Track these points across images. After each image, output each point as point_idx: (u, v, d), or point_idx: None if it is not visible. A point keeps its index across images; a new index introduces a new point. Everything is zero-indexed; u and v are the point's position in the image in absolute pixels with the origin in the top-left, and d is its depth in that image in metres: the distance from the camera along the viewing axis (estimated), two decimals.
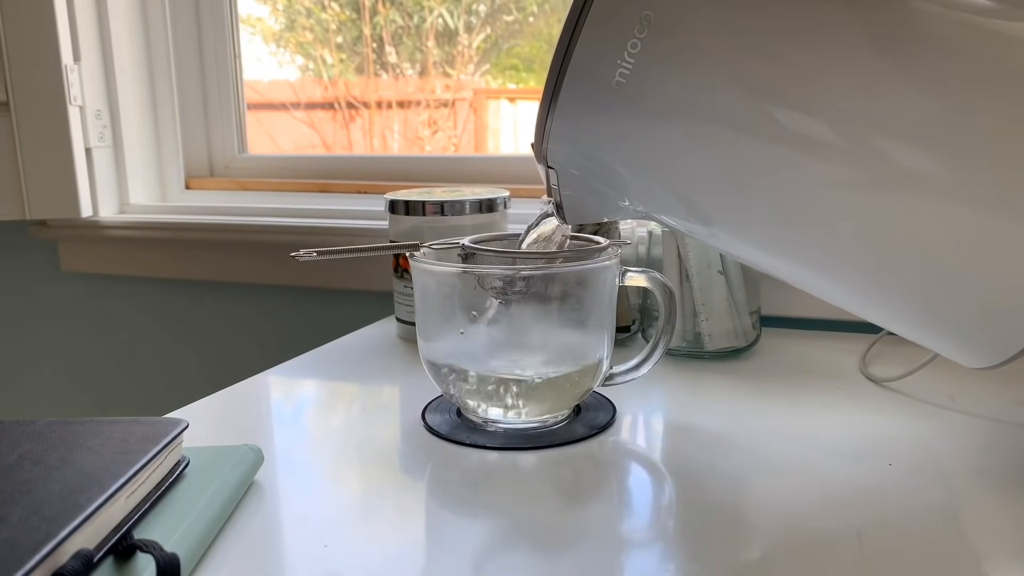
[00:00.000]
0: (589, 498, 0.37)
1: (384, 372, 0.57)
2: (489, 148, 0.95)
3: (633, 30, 0.34)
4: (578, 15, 0.34)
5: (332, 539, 0.34)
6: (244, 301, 0.91)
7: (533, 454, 0.42)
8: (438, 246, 0.47)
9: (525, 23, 0.91)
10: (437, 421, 0.46)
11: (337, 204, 0.89)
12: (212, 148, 0.99)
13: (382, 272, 0.81)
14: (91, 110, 0.89)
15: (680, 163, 0.36)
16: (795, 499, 0.37)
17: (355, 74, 0.98)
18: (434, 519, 0.36)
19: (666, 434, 0.46)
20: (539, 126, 0.38)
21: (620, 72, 0.34)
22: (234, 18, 0.96)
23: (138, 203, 0.95)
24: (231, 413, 0.50)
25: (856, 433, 0.44)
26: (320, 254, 0.44)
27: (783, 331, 0.65)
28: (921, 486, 0.38)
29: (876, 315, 0.38)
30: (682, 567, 0.31)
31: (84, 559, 0.26)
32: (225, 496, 0.35)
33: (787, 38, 0.33)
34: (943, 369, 0.53)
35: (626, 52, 0.34)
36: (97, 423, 0.35)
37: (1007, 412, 0.47)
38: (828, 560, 0.32)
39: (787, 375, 0.54)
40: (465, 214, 0.62)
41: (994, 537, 0.33)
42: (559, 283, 0.43)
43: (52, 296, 1.01)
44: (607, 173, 0.39)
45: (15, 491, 0.28)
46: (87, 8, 0.88)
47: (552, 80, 0.36)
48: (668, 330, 0.46)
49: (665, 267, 0.58)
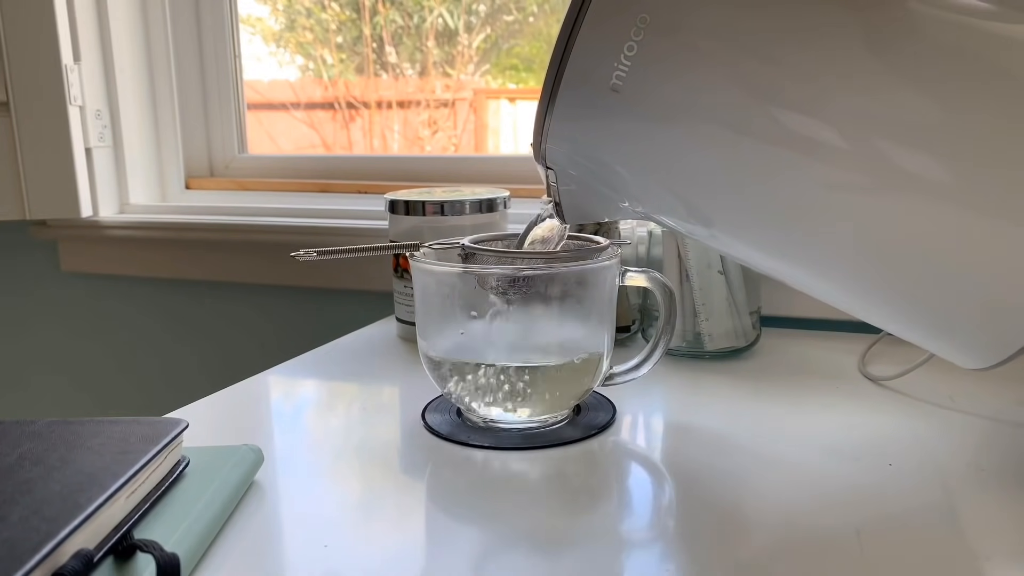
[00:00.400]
0: (589, 498, 0.37)
1: (384, 372, 0.57)
2: (489, 148, 0.95)
3: (629, 33, 0.34)
4: (575, 18, 0.34)
5: (332, 539, 0.34)
6: (244, 301, 0.91)
7: (533, 454, 0.42)
8: (438, 246, 0.47)
9: (525, 23, 0.91)
10: (437, 421, 0.46)
11: (337, 204, 0.89)
12: (212, 148, 0.99)
13: (382, 272, 0.81)
14: (91, 110, 0.89)
15: (679, 165, 0.36)
16: (795, 498, 0.37)
17: (355, 74, 0.98)
18: (434, 519, 0.36)
19: (666, 434, 0.46)
20: (537, 127, 0.38)
21: (617, 75, 0.34)
22: (234, 18, 0.96)
23: (138, 203, 0.95)
24: (231, 413, 0.50)
25: (856, 433, 0.44)
26: (320, 254, 0.44)
27: (783, 331, 0.65)
28: (920, 485, 0.38)
29: (874, 316, 0.38)
30: (682, 567, 0.31)
31: (84, 559, 0.26)
32: (225, 496, 0.35)
33: (784, 39, 0.33)
34: (943, 369, 0.53)
35: (623, 55, 0.34)
36: (97, 423, 0.35)
37: (1006, 412, 0.47)
38: (828, 559, 0.32)
39: (787, 375, 0.54)
40: (465, 214, 0.62)
41: (993, 536, 0.33)
42: (559, 283, 0.43)
43: (52, 296, 1.01)
44: (606, 174, 0.39)
45: (15, 491, 0.28)
46: (87, 8, 0.88)
47: (550, 82, 0.36)
48: (668, 330, 0.46)
49: (665, 267, 0.58)
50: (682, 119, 0.35)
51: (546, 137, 0.38)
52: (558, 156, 0.39)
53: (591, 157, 0.38)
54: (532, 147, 0.39)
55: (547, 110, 0.37)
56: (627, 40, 0.34)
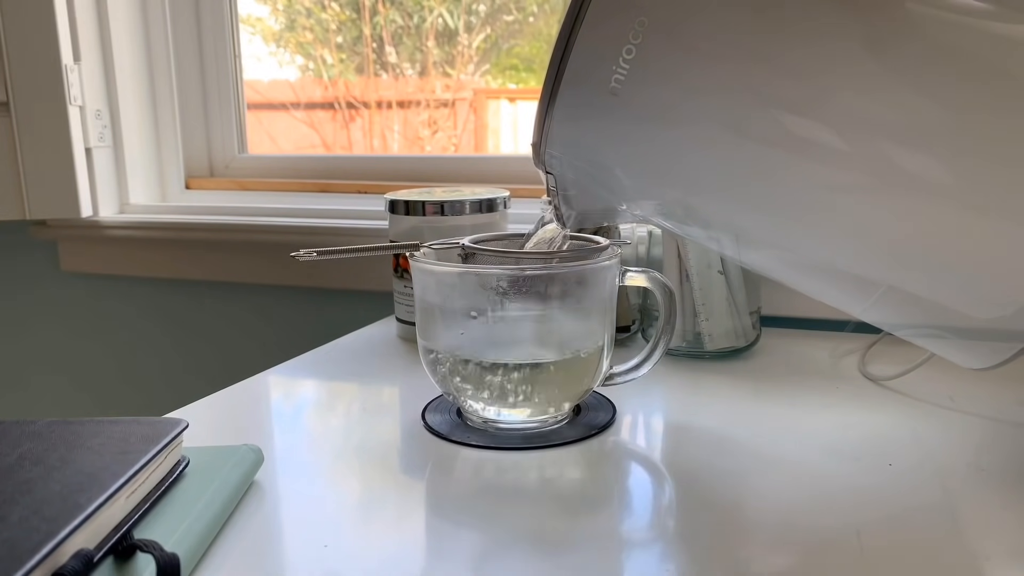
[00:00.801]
0: (589, 498, 0.37)
1: (384, 372, 0.57)
2: (489, 148, 0.95)
3: (628, 36, 0.34)
4: (573, 21, 0.34)
5: (332, 539, 0.34)
6: (244, 301, 0.91)
7: (533, 454, 0.42)
8: (438, 246, 0.47)
9: (525, 23, 0.91)
10: (437, 421, 0.46)
11: (337, 204, 0.89)
12: (212, 148, 0.99)
13: (382, 272, 0.81)
14: (91, 110, 0.89)
15: (678, 167, 0.36)
16: (795, 498, 0.37)
17: (355, 74, 0.98)
18: (434, 519, 0.36)
19: (666, 434, 0.46)
20: (537, 129, 0.38)
21: (616, 78, 0.34)
22: (234, 18, 0.96)
23: (138, 203, 0.95)
24: (231, 413, 0.50)
25: (856, 433, 0.44)
26: (320, 254, 0.44)
27: (783, 331, 0.65)
28: (920, 485, 0.38)
29: (874, 317, 0.38)
30: (682, 567, 0.31)
31: (84, 559, 0.26)
32: (225, 496, 0.35)
33: (782, 41, 0.33)
34: (943, 369, 0.53)
35: (621, 58, 0.34)
36: (97, 423, 0.35)
37: (1006, 412, 0.47)
38: (828, 559, 0.32)
39: (787, 375, 0.54)
40: (465, 214, 0.62)
41: (993, 536, 0.33)
42: (559, 283, 0.43)
43: (52, 296, 1.01)
44: (606, 176, 0.39)
45: (15, 491, 0.28)
46: (87, 8, 0.88)
47: (549, 85, 0.36)
48: (668, 330, 0.46)
49: (665, 267, 0.58)
50: (679, 121, 0.35)
51: (545, 140, 0.38)
52: (558, 159, 0.39)
53: (591, 160, 0.38)
54: (532, 150, 0.39)
55: (546, 113, 0.37)
56: (626, 43, 0.34)
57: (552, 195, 0.41)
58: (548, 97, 0.36)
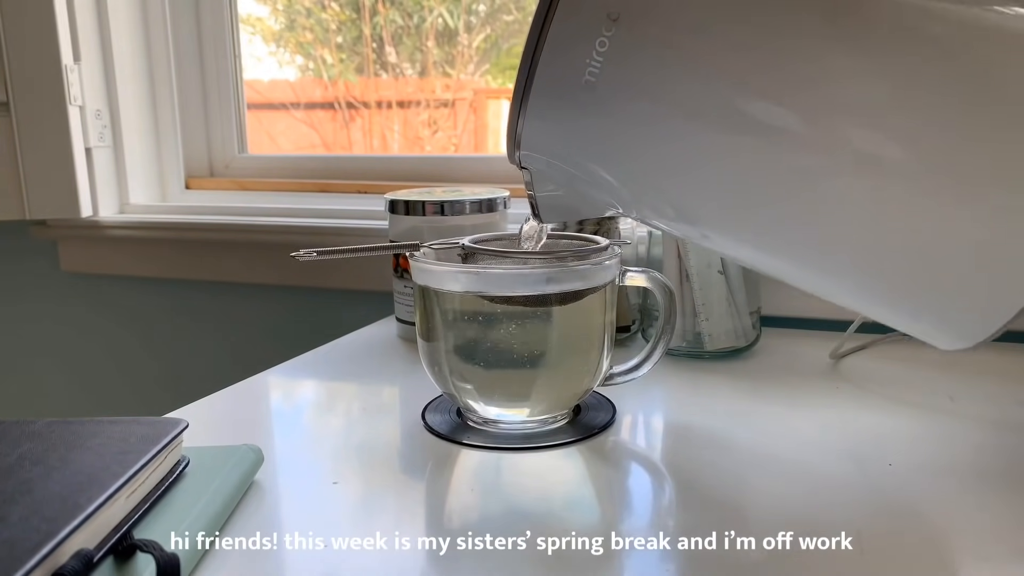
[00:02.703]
0: (589, 498, 0.37)
1: (384, 372, 0.57)
2: (489, 148, 0.95)
3: (601, 28, 0.34)
4: (544, 14, 0.34)
5: (332, 539, 0.34)
6: (244, 301, 0.91)
7: (533, 454, 0.42)
8: (438, 246, 0.47)
9: (525, 23, 0.91)
10: (437, 421, 0.46)
11: (337, 204, 0.89)
12: (212, 148, 0.99)
13: (382, 272, 0.81)
14: (91, 110, 0.89)
15: (653, 158, 0.36)
16: (795, 499, 0.37)
17: (355, 74, 0.98)
18: (434, 519, 0.36)
19: (666, 434, 0.46)
20: (511, 126, 0.38)
21: (590, 71, 0.34)
22: (234, 18, 0.96)
23: (138, 203, 0.95)
24: (231, 413, 0.50)
25: (855, 433, 0.44)
26: (320, 254, 0.44)
27: (783, 331, 0.65)
28: (920, 485, 0.38)
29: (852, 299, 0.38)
30: (682, 567, 0.31)
31: (84, 559, 0.26)
32: (225, 496, 0.35)
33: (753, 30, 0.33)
34: (943, 369, 0.53)
35: (594, 51, 0.34)
36: (97, 423, 0.35)
37: (1006, 412, 0.47)
38: (828, 559, 0.32)
39: (787, 375, 0.54)
40: (465, 214, 0.62)
41: (994, 537, 0.33)
42: (559, 282, 0.42)
43: (52, 296, 1.01)
44: (581, 171, 0.39)
45: (15, 491, 0.28)
46: (87, 8, 0.88)
47: (522, 80, 0.36)
48: (668, 330, 0.46)
49: (665, 267, 0.58)
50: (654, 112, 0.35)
51: (520, 136, 0.38)
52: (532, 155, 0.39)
53: (565, 155, 0.38)
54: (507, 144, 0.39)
55: (520, 107, 0.36)
56: (599, 35, 0.34)
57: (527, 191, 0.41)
58: (522, 91, 0.36)
